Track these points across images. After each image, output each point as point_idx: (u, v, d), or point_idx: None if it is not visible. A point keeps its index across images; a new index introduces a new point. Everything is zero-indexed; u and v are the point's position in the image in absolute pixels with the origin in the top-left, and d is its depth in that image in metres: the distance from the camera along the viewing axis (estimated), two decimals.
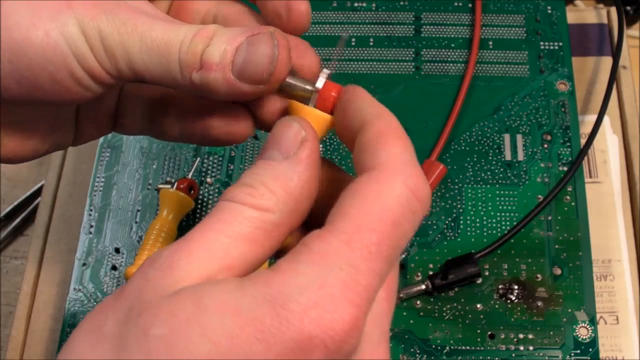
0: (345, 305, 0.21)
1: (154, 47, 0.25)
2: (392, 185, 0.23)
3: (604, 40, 0.50)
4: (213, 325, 0.20)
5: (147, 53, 0.25)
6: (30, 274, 0.45)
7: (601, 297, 0.42)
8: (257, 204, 0.23)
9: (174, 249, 0.22)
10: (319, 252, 0.21)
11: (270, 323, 0.20)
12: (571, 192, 0.43)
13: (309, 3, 0.28)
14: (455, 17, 0.50)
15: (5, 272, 0.52)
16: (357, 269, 0.21)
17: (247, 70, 0.25)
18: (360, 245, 0.21)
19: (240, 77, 0.25)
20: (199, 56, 0.25)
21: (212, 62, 0.25)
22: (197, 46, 0.25)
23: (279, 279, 0.21)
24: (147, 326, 0.20)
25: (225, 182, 0.45)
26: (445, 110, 0.47)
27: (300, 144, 0.24)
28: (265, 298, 0.20)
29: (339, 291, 0.21)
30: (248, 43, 0.26)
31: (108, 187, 0.46)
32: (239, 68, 0.25)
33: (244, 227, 0.23)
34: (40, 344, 0.43)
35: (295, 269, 0.21)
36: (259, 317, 0.20)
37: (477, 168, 0.45)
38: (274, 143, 0.25)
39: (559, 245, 0.42)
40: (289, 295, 0.20)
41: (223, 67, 0.25)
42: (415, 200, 0.23)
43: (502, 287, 0.41)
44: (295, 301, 0.20)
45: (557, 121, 0.46)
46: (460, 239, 0.43)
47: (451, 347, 0.40)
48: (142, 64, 0.25)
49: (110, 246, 0.44)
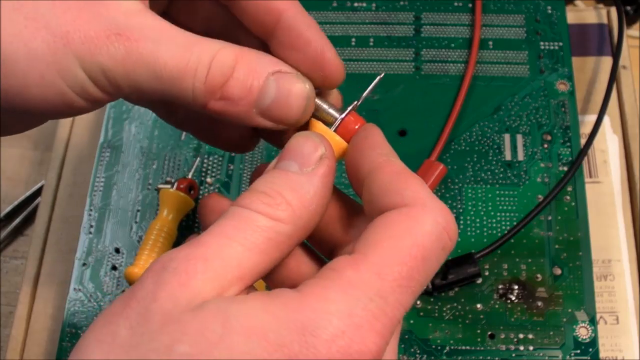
0: (372, 336, 0.21)
1: (164, 74, 0.24)
2: (424, 221, 0.23)
3: (604, 40, 0.50)
4: (241, 349, 0.20)
5: (156, 81, 0.24)
6: (30, 274, 0.45)
7: (601, 297, 0.42)
8: (272, 214, 0.23)
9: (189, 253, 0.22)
10: (349, 281, 0.21)
11: (298, 350, 0.20)
12: (571, 192, 0.43)
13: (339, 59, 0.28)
14: (455, 17, 0.50)
15: (5, 272, 0.52)
16: (386, 301, 0.21)
17: (274, 112, 0.25)
18: (391, 278, 0.22)
19: (264, 115, 0.25)
20: (219, 87, 0.24)
21: (235, 96, 0.25)
22: (216, 77, 0.24)
23: (309, 305, 0.21)
24: (172, 342, 0.20)
25: (225, 182, 0.45)
26: (445, 110, 0.47)
27: (319, 159, 0.24)
28: (294, 324, 0.20)
29: (367, 322, 0.21)
30: (277, 82, 0.25)
31: (108, 187, 0.46)
32: (266, 107, 0.25)
33: (258, 237, 0.23)
34: (40, 344, 0.43)
35: (325, 295, 0.21)
36: (287, 343, 0.20)
37: (477, 168, 0.45)
38: (292, 154, 0.25)
39: (559, 245, 0.42)
40: (318, 322, 0.20)
41: (247, 102, 0.25)
42: (447, 237, 0.23)
43: (502, 287, 0.41)
44: (324, 328, 0.20)
45: (557, 121, 0.46)
46: (460, 239, 0.43)
47: (451, 347, 0.40)
48: (150, 89, 0.24)
49: (110, 246, 0.44)
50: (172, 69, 0.24)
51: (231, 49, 0.25)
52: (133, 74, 0.24)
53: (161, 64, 0.24)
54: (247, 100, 0.25)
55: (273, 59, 0.25)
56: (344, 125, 0.27)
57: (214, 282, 0.21)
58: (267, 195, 0.23)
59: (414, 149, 0.45)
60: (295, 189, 0.24)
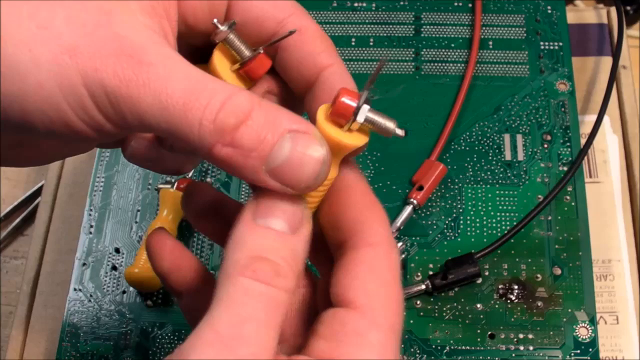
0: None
1: (169, 105, 0.22)
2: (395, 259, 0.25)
3: (604, 40, 0.50)
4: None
5: (161, 111, 0.22)
6: (30, 274, 0.45)
7: (601, 297, 0.42)
8: (286, 287, 0.23)
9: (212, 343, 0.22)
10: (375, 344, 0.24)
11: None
12: (571, 192, 0.43)
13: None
14: (455, 17, 0.50)
15: (5, 272, 0.52)
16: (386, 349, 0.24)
17: (284, 174, 0.23)
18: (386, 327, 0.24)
19: (272, 174, 0.23)
20: (230, 131, 0.22)
21: (245, 146, 0.22)
22: (228, 119, 0.22)
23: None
24: None
25: (225, 182, 0.45)
26: (445, 110, 0.47)
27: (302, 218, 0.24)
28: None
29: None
30: (293, 141, 0.23)
31: (108, 187, 0.46)
32: (276, 167, 0.23)
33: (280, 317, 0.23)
34: (40, 344, 0.43)
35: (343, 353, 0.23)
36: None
37: (477, 168, 0.45)
38: (278, 211, 0.24)
39: (559, 245, 0.42)
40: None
41: (258, 156, 0.22)
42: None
43: (502, 287, 0.41)
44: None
45: (557, 121, 0.46)
46: (460, 239, 0.43)
47: (451, 347, 0.40)
48: (153, 119, 0.22)
49: (110, 246, 0.44)
50: (179, 99, 0.22)
51: (250, 95, 0.23)
52: (137, 99, 0.22)
53: (169, 92, 0.22)
54: (258, 153, 0.22)
55: (293, 115, 0.23)
56: (249, 68, 0.27)
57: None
58: (276, 265, 0.23)
59: (414, 149, 0.45)
60: (294, 254, 0.24)
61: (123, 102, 0.22)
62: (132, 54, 0.22)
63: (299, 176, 0.23)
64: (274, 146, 0.22)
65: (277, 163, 0.23)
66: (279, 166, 0.23)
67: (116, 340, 0.41)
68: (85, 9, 0.22)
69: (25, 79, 0.22)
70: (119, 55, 0.22)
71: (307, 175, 0.23)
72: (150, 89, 0.22)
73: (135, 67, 0.22)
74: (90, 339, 0.42)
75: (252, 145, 0.22)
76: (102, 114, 0.23)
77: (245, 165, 0.23)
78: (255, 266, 0.23)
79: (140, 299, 0.42)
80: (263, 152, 0.22)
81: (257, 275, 0.22)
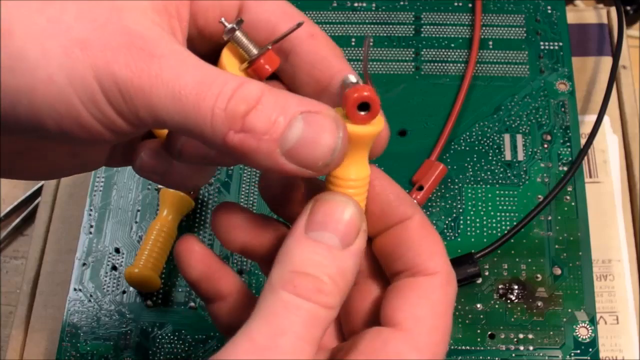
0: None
1: (182, 96, 0.22)
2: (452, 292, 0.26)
3: (604, 40, 0.50)
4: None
5: (174, 103, 0.22)
6: (30, 274, 0.45)
7: (601, 297, 0.42)
8: (328, 304, 0.23)
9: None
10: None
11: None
12: (571, 192, 0.43)
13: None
14: (455, 17, 0.50)
15: (5, 272, 0.52)
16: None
17: (300, 153, 0.23)
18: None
19: (288, 156, 0.23)
20: (241, 117, 0.22)
21: (257, 129, 0.22)
22: (239, 106, 0.22)
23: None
24: None
25: (225, 182, 0.45)
26: (445, 110, 0.47)
27: (357, 233, 0.24)
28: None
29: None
30: (306, 122, 0.23)
31: (108, 187, 0.46)
32: (290, 147, 0.22)
33: (320, 331, 0.23)
34: (40, 344, 0.43)
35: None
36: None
37: (477, 168, 0.45)
38: (329, 224, 0.24)
39: (559, 245, 0.42)
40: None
41: (271, 138, 0.22)
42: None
43: (502, 287, 0.41)
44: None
45: (557, 121, 0.46)
46: (460, 239, 0.43)
47: (451, 347, 0.40)
48: (166, 113, 0.22)
49: (110, 246, 0.44)
50: (192, 89, 0.22)
51: (260, 83, 0.23)
52: (149, 91, 0.22)
53: (181, 83, 0.22)
54: (271, 135, 0.22)
55: (303, 99, 0.23)
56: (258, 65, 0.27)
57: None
58: (319, 281, 0.23)
59: (414, 149, 0.45)
60: (341, 270, 0.23)
61: (135, 95, 0.22)
62: (143, 47, 0.22)
63: (315, 153, 0.23)
64: (287, 128, 0.22)
65: (291, 144, 0.22)
66: (293, 146, 0.22)
67: (116, 340, 0.41)
68: (96, 6, 0.22)
69: (35, 72, 0.21)
70: (130, 48, 0.22)
71: (323, 152, 0.23)
72: (162, 80, 0.22)
73: (147, 59, 0.22)
74: (90, 339, 0.42)
75: (263, 128, 0.22)
76: (114, 108, 0.22)
77: (259, 149, 0.22)
78: (296, 281, 0.22)
79: (140, 299, 0.42)
80: (275, 134, 0.22)
81: (298, 290, 0.22)
